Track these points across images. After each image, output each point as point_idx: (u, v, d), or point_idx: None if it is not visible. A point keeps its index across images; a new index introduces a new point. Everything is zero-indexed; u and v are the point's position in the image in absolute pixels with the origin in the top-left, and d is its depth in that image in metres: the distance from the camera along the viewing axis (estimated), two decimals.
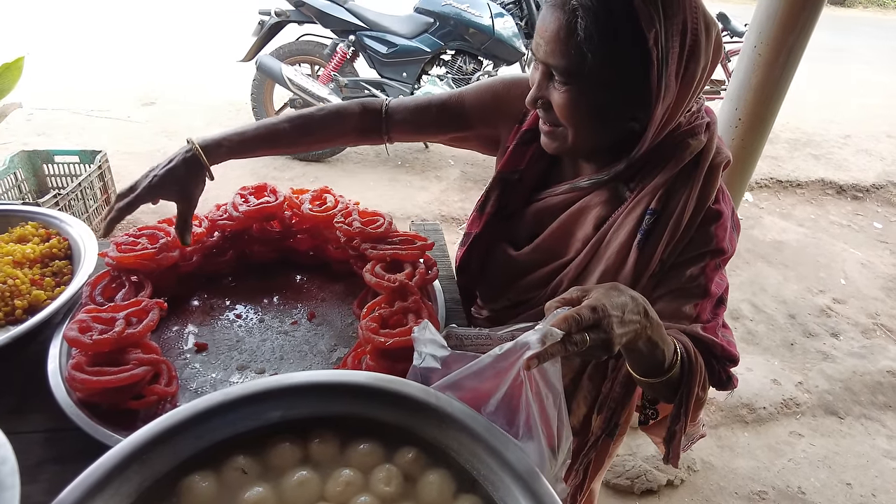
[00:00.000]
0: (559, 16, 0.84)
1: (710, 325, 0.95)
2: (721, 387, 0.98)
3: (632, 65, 0.84)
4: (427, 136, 1.27)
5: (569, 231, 1.04)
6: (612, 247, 0.98)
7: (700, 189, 0.94)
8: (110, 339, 0.87)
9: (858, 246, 4.16)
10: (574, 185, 1.03)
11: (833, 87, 7.55)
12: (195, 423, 0.71)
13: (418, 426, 0.74)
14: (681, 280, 0.96)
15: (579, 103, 0.88)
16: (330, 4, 3.96)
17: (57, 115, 4.81)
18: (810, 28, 1.59)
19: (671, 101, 0.87)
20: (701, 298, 0.95)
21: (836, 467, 2.42)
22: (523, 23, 4.20)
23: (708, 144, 0.95)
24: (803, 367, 2.94)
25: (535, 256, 1.08)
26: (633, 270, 0.96)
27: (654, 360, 0.83)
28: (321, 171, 4.30)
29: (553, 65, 0.87)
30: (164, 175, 1.05)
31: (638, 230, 0.95)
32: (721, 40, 0.91)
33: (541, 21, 0.89)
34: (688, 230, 0.94)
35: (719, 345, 0.94)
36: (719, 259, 0.96)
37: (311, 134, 1.16)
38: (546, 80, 0.91)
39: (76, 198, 3.03)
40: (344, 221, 1.14)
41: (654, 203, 0.94)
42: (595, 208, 1.01)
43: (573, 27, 0.83)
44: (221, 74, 5.81)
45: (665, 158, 0.94)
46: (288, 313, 1.12)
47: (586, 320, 0.69)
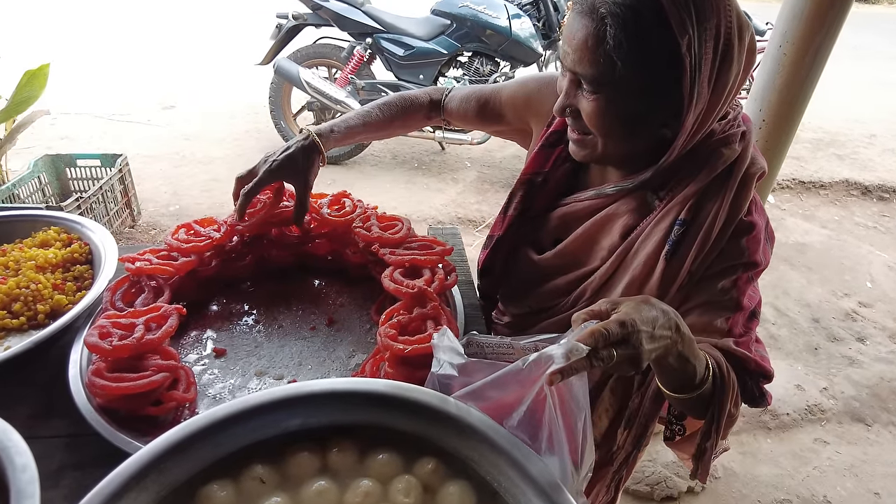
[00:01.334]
0: (587, 23, 0.82)
1: (744, 339, 0.92)
2: (754, 403, 0.94)
3: (663, 72, 0.81)
4: (473, 126, 1.32)
5: (594, 239, 1.02)
6: (638, 257, 0.95)
7: (732, 200, 0.91)
8: (129, 345, 0.87)
9: (885, 248, 4.06)
10: (600, 191, 1.01)
11: (857, 86, 7.40)
12: (213, 431, 0.71)
13: (438, 436, 0.73)
14: (712, 293, 0.93)
15: (609, 111, 0.86)
16: (347, 7, 3.97)
17: (80, 120, 4.89)
18: (838, 27, 1.55)
19: (703, 107, 0.85)
20: (733, 312, 0.92)
21: (863, 476, 2.36)
22: (541, 24, 4.18)
23: (742, 154, 0.92)
24: (828, 373, 2.87)
25: (558, 262, 1.06)
26: (660, 282, 0.93)
27: (684, 376, 0.80)
28: (338, 174, 4.31)
29: (581, 73, 0.85)
30: (283, 160, 1.12)
31: (666, 241, 0.92)
32: (755, 44, 0.88)
33: (567, 28, 0.87)
34: (718, 242, 0.91)
35: (752, 360, 0.91)
36: (752, 272, 0.93)
37: (395, 119, 1.28)
38: (574, 87, 0.89)
39: (98, 201, 3.08)
40: (362, 226, 1.13)
41: (684, 213, 0.91)
42: (622, 217, 0.98)
43: (602, 35, 0.80)
44: (240, 78, 5.87)
45: (697, 167, 0.91)
46: (306, 319, 1.11)
47: (614, 335, 0.67)
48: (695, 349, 0.79)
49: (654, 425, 1.11)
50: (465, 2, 4.00)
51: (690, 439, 0.97)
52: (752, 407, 0.95)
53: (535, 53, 4.11)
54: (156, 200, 3.83)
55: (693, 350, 0.78)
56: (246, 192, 1.11)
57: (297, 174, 1.13)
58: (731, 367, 0.88)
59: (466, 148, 4.77)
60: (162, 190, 3.94)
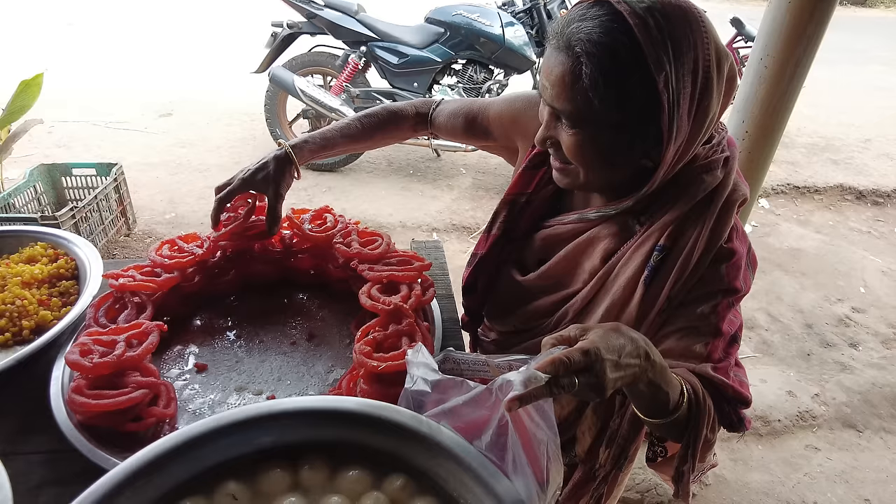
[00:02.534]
0: (563, 60, 0.81)
1: (722, 364, 0.91)
2: (732, 428, 0.93)
3: (642, 108, 0.81)
4: (460, 140, 1.33)
5: (576, 261, 1.03)
6: (618, 281, 0.95)
7: (712, 227, 0.91)
8: (109, 362, 0.88)
9: (879, 253, 4.07)
10: (583, 215, 1.01)
11: (853, 90, 7.41)
12: (187, 449, 0.72)
13: (408, 453, 0.74)
14: (691, 318, 0.92)
15: (588, 145, 0.86)
16: (341, 16, 4.00)
17: (77, 128, 4.91)
18: (817, 41, 1.56)
19: (683, 140, 0.85)
20: (712, 337, 0.92)
21: (854, 482, 2.36)
22: (534, 31, 4.20)
23: (724, 181, 0.92)
24: (820, 379, 2.88)
25: (542, 283, 1.07)
26: (640, 307, 0.93)
27: (657, 402, 0.81)
28: (334, 181, 4.33)
29: (559, 109, 0.85)
30: (256, 171, 1.17)
31: (646, 266, 0.92)
32: (735, 71, 0.87)
33: (545, 62, 0.86)
34: (697, 269, 0.91)
35: (730, 386, 0.90)
36: (732, 298, 0.93)
37: (377, 131, 1.30)
38: (554, 120, 0.89)
39: (93, 209, 3.09)
40: (343, 242, 1.15)
41: (664, 239, 0.92)
42: (604, 240, 0.99)
43: (578, 73, 0.80)
44: (236, 86, 5.90)
45: (678, 193, 0.92)
46: (287, 334, 1.13)
47: (576, 363, 0.67)
48: (667, 376, 0.79)
49: (634, 446, 1.11)
50: (458, 10, 4.03)
51: (672, 461, 0.97)
52: (729, 431, 0.95)
53: (529, 61, 4.14)
54: (152, 208, 3.84)
55: (665, 377, 0.78)
56: (218, 198, 1.15)
57: (269, 184, 1.16)
58: (707, 392, 0.87)
59: (461, 155, 4.79)
60: (158, 198, 3.96)
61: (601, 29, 0.79)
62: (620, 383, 0.72)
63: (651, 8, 0.78)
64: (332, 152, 1.28)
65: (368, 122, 1.28)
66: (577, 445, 1.12)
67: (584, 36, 0.79)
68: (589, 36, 0.79)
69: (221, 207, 1.17)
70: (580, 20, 0.81)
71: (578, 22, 0.81)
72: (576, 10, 0.84)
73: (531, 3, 4.21)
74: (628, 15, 0.78)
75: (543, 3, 4.18)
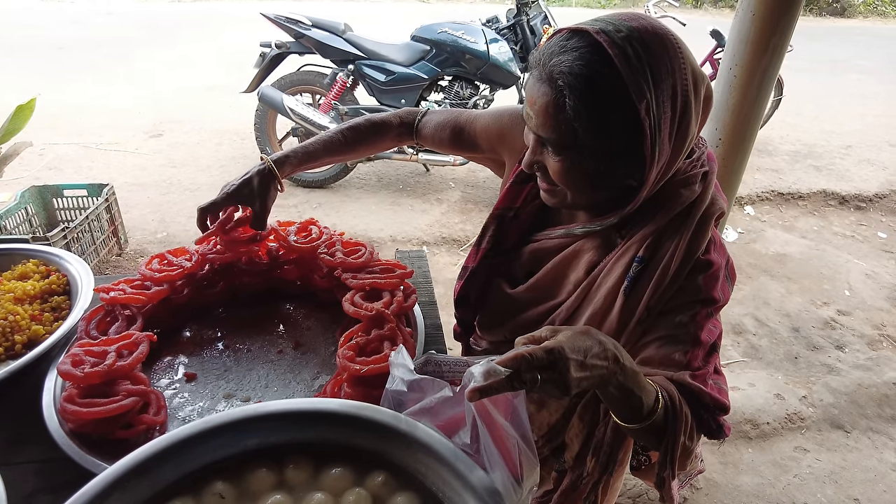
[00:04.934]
0: (546, 91, 0.84)
1: (701, 372, 0.93)
2: (711, 435, 0.95)
3: (624, 134, 0.84)
4: (446, 151, 1.34)
5: (562, 273, 1.06)
6: (600, 292, 0.99)
7: (690, 239, 0.93)
8: (100, 371, 0.91)
9: (863, 257, 4.13)
10: (569, 231, 1.04)
11: (832, 98, 7.55)
12: (175, 451, 0.75)
13: (388, 450, 0.77)
14: (669, 327, 0.95)
15: (573, 171, 0.89)
16: (329, 36, 4.07)
17: (68, 150, 4.94)
18: (782, 51, 1.63)
19: (665, 160, 0.88)
20: (691, 346, 0.94)
21: (843, 482, 2.39)
22: (518, 47, 4.28)
23: (702, 195, 0.95)
24: (808, 381, 2.92)
25: (531, 295, 1.10)
26: (620, 316, 0.96)
27: (629, 406, 0.82)
28: (324, 197, 4.37)
29: (544, 137, 0.88)
30: (241, 186, 1.21)
31: (625, 277, 0.96)
32: (711, 91, 0.90)
33: (528, 92, 0.88)
34: (675, 279, 0.94)
35: (707, 394, 0.91)
36: (710, 308, 0.95)
37: (359, 142, 1.32)
38: (539, 146, 0.92)
39: (84, 230, 3.11)
40: (327, 252, 1.18)
41: (642, 251, 0.95)
42: (588, 253, 1.02)
43: (561, 104, 0.82)
44: (225, 106, 5.95)
45: (657, 207, 0.95)
46: (274, 342, 1.16)
47: (538, 360, 0.69)
48: (640, 381, 0.81)
49: (620, 454, 1.14)
50: (443, 28, 4.11)
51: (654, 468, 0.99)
52: (709, 439, 0.96)
53: (514, 76, 4.21)
54: (143, 228, 3.87)
55: (637, 381, 0.80)
56: (200, 207, 1.19)
57: (254, 198, 1.20)
58: (684, 400, 0.89)
59: (450, 169, 4.85)
60: (149, 218, 3.99)
61: (581, 61, 0.81)
62: (586, 384, 0.74)
63: (629, 37, 0.81)
64: (316, 164, 1.30)
65: (350, 134, 1.30)
66: (566, 451, 1.14)
67: (566, 68, 0.81)
68: (570, 68, 0.81)
69: (205, 215, 1.20)
70: (560, 52, 0.83)
71: (559, 55, 0.83)
72: (555, 42, 0.86)
73: (515, 20, 4.29)
74: (608, 45, 0.80)
75: (526, 19, 4.27)
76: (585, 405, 1.10)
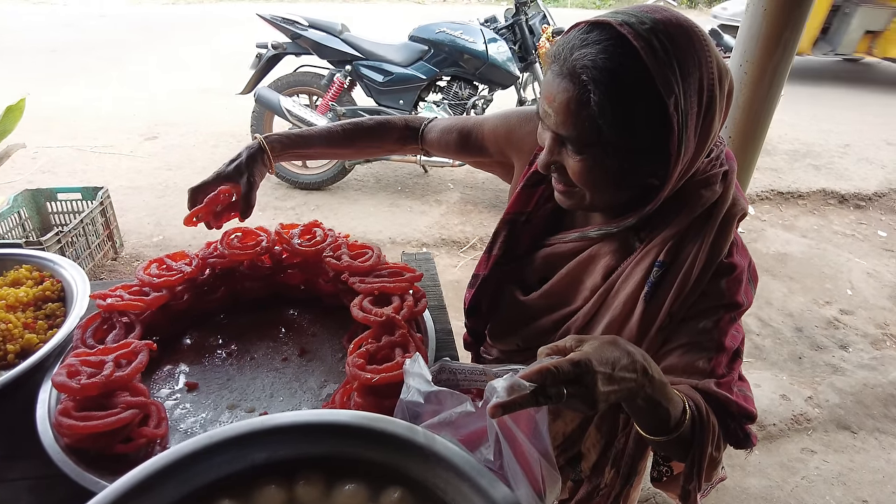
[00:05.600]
0: (567, 87, 0.80)
1: (725, 380, 0.89)
2: (738, 445, 0.91)
3: (650, 130, 0.80)
4: (453, 156, 1.31)
5: (578, 279, 1.01)
6: (619, 298, 0.94)
7: (712, 242, 0.90)
8: (98, 382, 0.87)
9: (864, 255, 4.12)
10: (584, 234, 1.00)
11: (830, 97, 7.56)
12: (179, 467, 0.71)
13: (404, 465, 0.73)
14: (693, 334, 0.91)
15: (595, 170, 0.85)
16: (326, 36, 4.03)
17: (61, 153, 4.88)
18: (794, 45, 1.60)
19: (689, 158, 0.84)
20: (715, 352, 0.90)
21: (851, 484, 2.36)
22: (517, 47, 4.25)
23: (723, 195, 0.91)
24: (812, 382, 2.89)
25: (544, 302, 1.05)
26: (640, 323, 0.92)
27: (657, 418, 0.78)
28: (322, 199, 4.33)
29: (565, 136, 0.84)
30: (229, 163, 1.19)
31: (645, 282, 0.92)
32: (733, 86, 0.87)
33: (547, 89, 0.84)
34: (698, 284, 0.90)
35: (734, 402, 0.88)
36: (734, 312, 0.91)
37: (359, 139, 1.28)
38: (557, 145, 0.87)
39: (79, 234, 3.06)
40: (333, 255, 1.14)
41: (663, 255, 0.91)
42: (605, 257, 0.98)
43: (584, 100, 0.78)
44: (221, 107, 5.90)
45: (677, 209, 0.91)
46: (279, 350, 1.12)
47: (564, 374, 0.66)
48: (668, 392, 0.77)
49: (642, 465, 1.10)
50: (442, 28, 4.08)
51: (677, 480, 0.95)
52: (736, 448, 0.91)
53: (513, 76, 4.18)
54: (139, 232, 3.82)
55: (665, 393, 0.76)
56: (191, 188, 1.16)
57: (241, 173, 1.18)
58: (711, 409, 0.85)
59: (449, 170, 4.82)
60: (145, 221, 3.94)
61: (605, 54, 0.77)
62: (614, 397, 0.70)
63: (654, 29, 0.77)
64: (309, 152, 1.28)
65: (351, 128, 1.27)
66: (582, 461, 1.10)
67: (589, 62, 0.78)
68: (594, 62, 0.77)
69: (195, 198, 1.16)
70: (582, 46, 0.79)
71: (581, 49, 0.79)
72: (575, 35, 0.82)
73: (513, 20, 4.26)
74: (633, 38, 0.77)
75: (525, 19, 4.25)
76: (602, 415, 1.06)
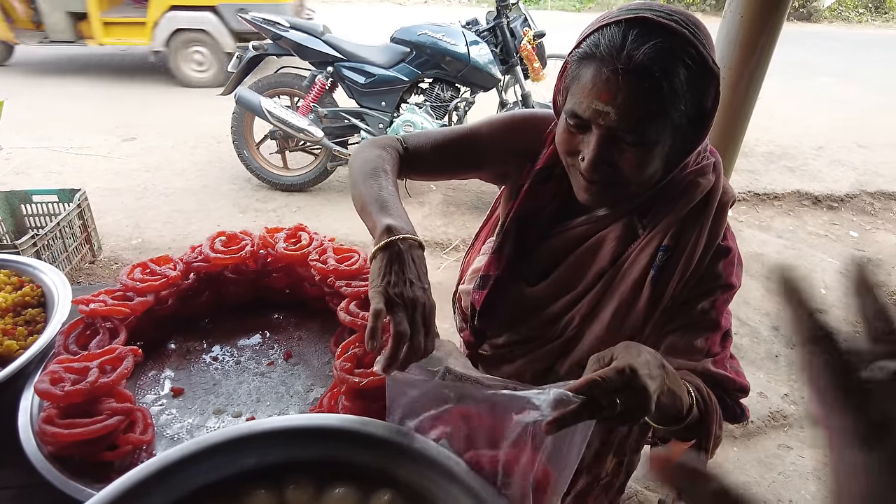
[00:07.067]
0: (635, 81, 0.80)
1: (720, 357, 0.95)
2: (734, 420, 0.96)
3: (714, 110, 0.86)
4: (443, 175, 1.21)
5: (585, 264, 1.03)
6: (625, 282, 0.98)
7: (710, 227, 0.96)
8: (82, 389, 0.86)
9: (836, 255, 4.21)
10: (591, 215, 1.02)
11: (804, 100, 7.72)
12: (166, 474, 0.71)
13: (394, 468, 0.74)
14: (692, 315, 0.96)
15: (654, 159, 0.87)
16: (307, 37, 4.01)
17: (36, 154, 4.78)
18: (770, 51, 1.64)
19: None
20: (712, 332, 0.95)
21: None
22: (498, 49, 4.27)
23: (716, 184, 0.97)
24: (789, 379, 2.95)
25: (551, 291, 1.06)
26: (647, 306, 0.96)
27: (673, 408, 0.81)
28: (303, 201, 4.30)
29: (625, 129, 0.84)
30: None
31: (651, 266, 0.96)
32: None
33: (601, 87, 0.83)
34: (699, 267, 0.95)
35: (731, 379, 0.93)
36: (728, 293, 0.97)
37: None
38: (609, 143, 0.86)
39: (56, 237, 3.00)
40: (318, 259, 1.14)
41: (668, 240, 0.95)
42: (611, 243, 1.01)
43: (653, 89, 0.80)
44: (201, 108, 5.83)
45: (676, 197, 0.96)
46: (265, 354, 1.11)
47: (613, 382, 0.66)
48: (679, 381, 0.80)
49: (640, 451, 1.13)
50: (423, 30, 4.08)
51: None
52: (732, 423, 0.97)
53: (494, 79, 4.20)
54: (117, 234, 3.75)
55: (678, 382, 0.79)
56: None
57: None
58: (710, 390, 0.89)
59: None
60: (124, 223, 3.87)
61: (667, 43, 0.80)
62: (660, 398, 0.71)
63: (684, 19, 0.83)
64: None
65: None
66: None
67: (652, 53, 0.79)
68: (657, 52, 0.79)
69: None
70: (633, 41, 0.80)
71: (634, 43, 0.80)
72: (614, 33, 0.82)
73: (495, 22, 4.28)
74: (677, 25, 0.81)
75: (507, 22, 4.27)
76: None
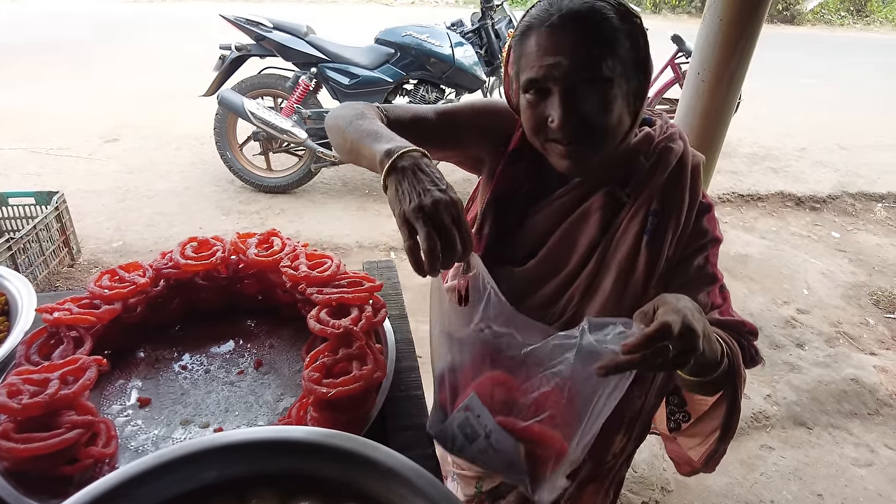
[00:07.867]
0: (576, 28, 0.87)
1: (724, 307, 1.00)
2: (752, 363, 1.00)
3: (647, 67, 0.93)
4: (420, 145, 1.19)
5: (573, 238, 1.02)
6: (621, 250, 0.99)
7: (690, 187, 1.00)
8: (41, 402, 0.83)
9: (819, 256, 4.25)
10: (569, 185, 1.03)
11: (787, 102, 7.80)
12: (126, 489, 0.69)
13: (359, 481, 0.73)
14: (689, 272, 1.00)
15: (615, 99, 0.90)
16: (291, 38, 3.98)
17: (14, 155, 4.71)
18: (749, 54, 1.64)
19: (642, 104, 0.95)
20: (711, 285, 1.00)
21: (806, 479, 2.43)
22: (483, 51, 4.27)
23: (686, 148, 1.03)
24: (771, 380, 2.97)
25: (542, 268, 1.05)
26: (645, 270, 0.98)
27: (712, 355, 0.84)
28: (287, 203, 4.27)
29: (580, 72, 0.87)
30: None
31: (644, 231, 0.98)
32: None
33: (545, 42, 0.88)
34: (687, 226, 1.00)
35: (741, 322, 0.98)
36: (716, 247, 1.03)
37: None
38: (570, 96, 0.88)
39: (32, 240, 2.95)
40: (290, 265, 1.12)
41: (655, 204, 0.98)
42: (595, 213, 1.01)
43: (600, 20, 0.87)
44: (184, 109, 5.78)
45: (654, 165, 1.00)
46: (235, 362, 1.09)
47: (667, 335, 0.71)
48: (710, 327, 0.83)
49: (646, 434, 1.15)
50: (408, 31, 4.07)
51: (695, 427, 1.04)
52: (749, 368, 0.99)
53: (479, 80, 4.20)
54: (98, 237, 3.70)
55: (710, 328, 0.83)
56: None
57: None
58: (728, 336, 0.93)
59: None
60: (104, 226, 3.82)
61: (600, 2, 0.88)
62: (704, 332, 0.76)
63: None
64: None
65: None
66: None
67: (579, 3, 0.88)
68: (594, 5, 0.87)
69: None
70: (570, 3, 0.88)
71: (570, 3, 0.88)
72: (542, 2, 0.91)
73: (479, 24, 4.28)
74: None
75: (491, 23, 4.27)
76: None
